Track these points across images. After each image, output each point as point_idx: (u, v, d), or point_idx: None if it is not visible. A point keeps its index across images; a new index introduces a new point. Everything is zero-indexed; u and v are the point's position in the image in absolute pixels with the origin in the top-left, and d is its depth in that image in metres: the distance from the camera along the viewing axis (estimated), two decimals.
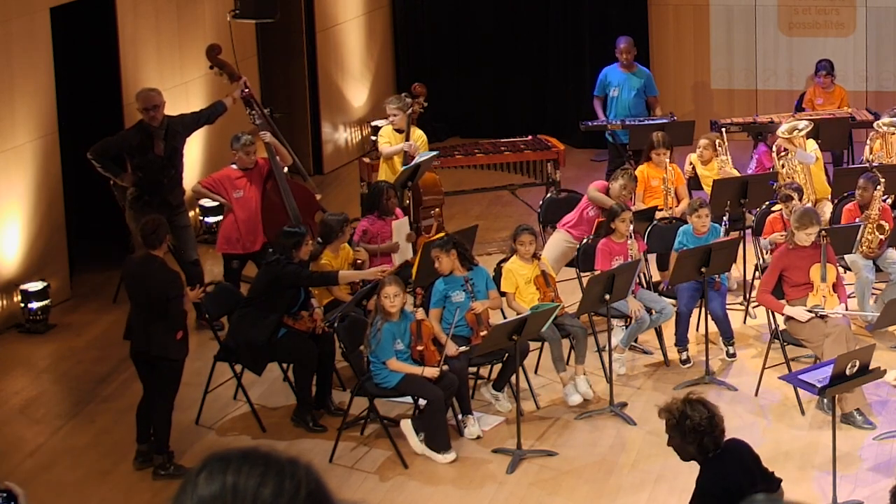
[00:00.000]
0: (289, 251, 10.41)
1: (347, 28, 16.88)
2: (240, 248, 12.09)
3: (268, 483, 2.55)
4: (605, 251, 11.24)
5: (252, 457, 2.59)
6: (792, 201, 11.61)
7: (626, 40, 15.36)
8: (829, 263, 10.64)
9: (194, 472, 2.59)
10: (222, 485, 2.56)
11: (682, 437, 7.13)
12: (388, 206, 11.81)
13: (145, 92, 11.94)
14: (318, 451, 10.04)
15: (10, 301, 12.18)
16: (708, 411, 7.10)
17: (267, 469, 2.57)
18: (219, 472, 2.57)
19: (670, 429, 7.18)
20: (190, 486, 2.58)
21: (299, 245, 10.43)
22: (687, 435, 7.10)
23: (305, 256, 10.55)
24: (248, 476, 2.56)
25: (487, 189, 14.85)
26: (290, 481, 2.57)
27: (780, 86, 17.01)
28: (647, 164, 12.85)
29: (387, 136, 13.22)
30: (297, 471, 2.59)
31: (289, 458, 2.60)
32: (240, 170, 12.10)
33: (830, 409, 9.45)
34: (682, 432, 7.11)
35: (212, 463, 2.59)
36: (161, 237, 9.74)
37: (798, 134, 12.88)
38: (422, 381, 9.88)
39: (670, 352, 11.39)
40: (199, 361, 11.04)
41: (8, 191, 12.09)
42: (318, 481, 2.60)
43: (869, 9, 16.72)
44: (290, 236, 10.52)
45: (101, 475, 9.88)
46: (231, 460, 2.58)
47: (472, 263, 10.68)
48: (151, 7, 13.77)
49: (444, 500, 9.48)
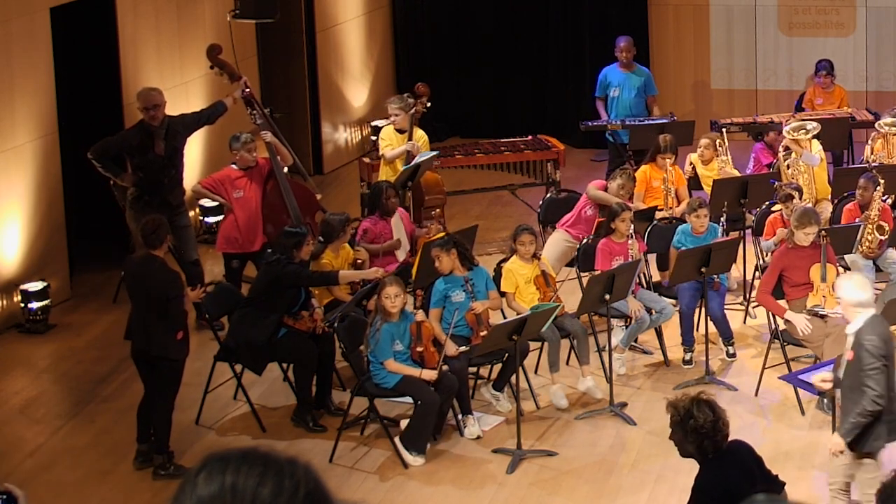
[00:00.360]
0: (289, 251, 10.41)
1: (347, 28, 16.88)
2: (239, 247, 12.08)
3: (267, 483, 2.56)
4: (605, 251, 11.24)
5: (251, 457, 2.59)
6: (792, 201, 11.61)
7: (626, 39, 15.36)
8: (829, 263, 10.64)
9: (193, 472, 2.59)
10: (221, 485, 2.56)
11: (683, 435, 7.13)
12: (389, 206, 11.81)
13: (146, 91, 11.94)
14: (318, 451, 10.04)
15: (10, 301, 12.18)
16: (714, 414, 7.10)
17: (266, 469, 2.57)
18: (218, 472, 2.57)
19: (674, 424, 7.18)
20: (189, 486, 2.58)
21: (300, 245, 10.43)
22: (688, 434, 7.10)
23: (306, 256, 10.55)
24: (248, 476, 2.56)
25: (487, 189, 14.85)
26: (289, 481, 2.57)
27: (780, 86, 17.01)
28: (649, 165, 12.85)
29: (388, 139, 13.20)
30: (296, 470, 2.59)
31: (287, 458, 2.60)
32: (240, 169, 12.10)
33: (830, 409, 9.44)
34: (685, 430, 7.11)
35: (211, 463, 2.59)
36: (161, 237, 9.74)
37: (805, 135, 12.87)
38: (419, 382, 9.87)
39: (670, 352, 11.39)
40: (199, 361, 11.03)
41: (8, 191, 12.09)
42: (317, 481, 2.60)
43: (869, 9, 16.72)
44: (291, 236, 10.52)
45: (101, 475, 9.88)
46: (230, 460, 2.58)
47: (472, 263, 10.68)
48: (151, 7, 13.77)
49: (444, 500, 9.48)
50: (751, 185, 12.24)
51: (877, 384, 8.05)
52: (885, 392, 8.09)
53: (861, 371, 8.08)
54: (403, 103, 13.14)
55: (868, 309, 8.23)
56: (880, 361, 8.07)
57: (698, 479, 7.19)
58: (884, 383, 8.08)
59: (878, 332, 8.13)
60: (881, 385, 8.06)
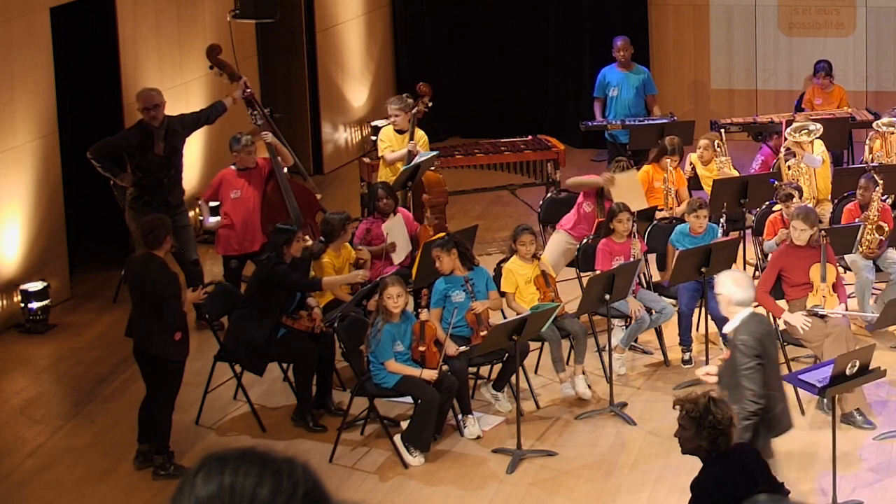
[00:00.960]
0: (279, 248, 10.40)
1: (347, 28, 16.88)
2: (237, 248, 12.07)
3: (265, 482, 2.56)
4: (605, 251, 11.24)
5: (249, 457, 2.59)
6: (792, 200, 11.60)
7: (622, 39, 15.38)
8: (828, 263, 10.63)
9: (192, 472, 2.59)
10: (220, 485, 2.56)
11: (696, 430, 7.10)
12: (382, 207, 11.78)
13: (146, 92, 11.94)
14: (318, 451, 10.03)
15: (10, 301, 12.18)
16: (730, 411, 7.12)
17: (264, 469, 2.57)
18: (216, 472, 2.57)
19: (688, 420, 7.14)
20: (188, 486, 2.58)
21: (289, 242, 10.41)
22: (704, 429, 7.07)
23: (297, 254, 10.51)
24: (246, 476, 2.56)
25: (487, 189, 14.85)
26: (287, 480, 2.57)
27: (780, 86, 17.02)
28: (652, 166, 12.83)
29: (387, 140, 13.16)
30: (295, 470, 2.59)
31: (286, 458, 2.60)
32: (238, 170, 12.09)
33: (830, 409, 9.44)
34: (700, 425, 7.07)
35: (209, 463, 2.59)
36: (160, 237, 9.72)
37: (808, 137, 12.86)
38: (420, 382, 9.87)
39: (670, 352, 11.39)
40: (199, 361, 11.03)
41: (8, 191, 12.09)
42: (316, 480, 2.60)
43: (869, 9, 16.72)
44: (281, 233, 10.51)
45: (101, 475, 9.88)
46: (228, 460, 2.58)
47: (472, 263, 10.68)
48: (151, 7, 13.77)
49: (444, 500, 9.48)
50: (751, 185, 12.25)
51: (753, 383, 8.06)
52: (762, 390, 8.09)
53: (737, 371, 8.10)
54: (403, 104, 13.13)
55: (746, 308, 8.22)
56: (754, 361, 8.08)
57: (700, 478, 7.19)
58: (760, 382, 8.09)
59: (751, 331, 8.13)
60: (757, 384, 8.07)
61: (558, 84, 17.56)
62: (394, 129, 13.18)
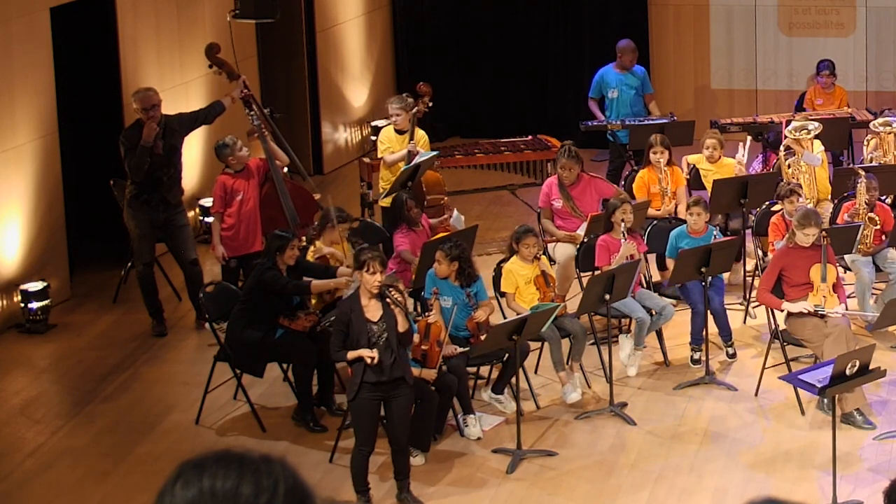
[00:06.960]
0: (272, 254, 10.39)
1: (347, 28, 16.88)
2: (236, 249, 12.05)
3: (245, 483, 2.56)
4: (604, 247, 11.23)
5: (226, 459, 2.59)
6: (793, 196, 11.58)
7: (629, 43, 15.29)
8: (829, 264, 10.63)
9: (169, 481, 2.59)
10: (199, 489, 2.56)
11: None
12: (412, 217, 11.70)
13: (143, 92, 11.93)
14: (318, 451, 10.03)
15: (10, 301, 12.18)
16: None
17: (242, 469, 2.57)
18: (195, 477, 2.57)
19: None
20: (167, 496, 2.58)
21: (283, 249, 10.39)
22: None
23: (290, 262, 10.46)
24: (225, 478, 2.56)
25: (487, 189, 14.84)
26: (266, 479, 2.57)
27: (780, 86, 17.01)
28: (647, 169, 12.79)
29: (387, 142, 13.11)
30: (273, 468, 2.60)
31: (262, 456, 2.60)
32: (235, 173, 12.02)
33: (830, 409, 9.45)
34: None
35: (186, 471, 2.59)
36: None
37: (807, 135, 12.86)
38: (419, 381, 9.85)
39: (671, 352, 11.39)
40: (200, 362, 11.03)
41: (8, 191, 12.09)
42: (295, 476, 2.61)
43: (869, 9, 16.72)
44: (276, 240, 10.50)
45: (101, 475, 9.88)
46: (205, 465, 2.58)
47: (470, 280, 10.50)
48: (151, 7, 13.77)
49: (444, 500, 9.48)
50: (751, 185, 12.23)
51: None
52: None
53: None
54: (404, 103, 13.11)
55: None
56: None
57: None
58: None
59: None
60: None
61: (558, 84, 17.56)
62: (394, 130, 13.16)
